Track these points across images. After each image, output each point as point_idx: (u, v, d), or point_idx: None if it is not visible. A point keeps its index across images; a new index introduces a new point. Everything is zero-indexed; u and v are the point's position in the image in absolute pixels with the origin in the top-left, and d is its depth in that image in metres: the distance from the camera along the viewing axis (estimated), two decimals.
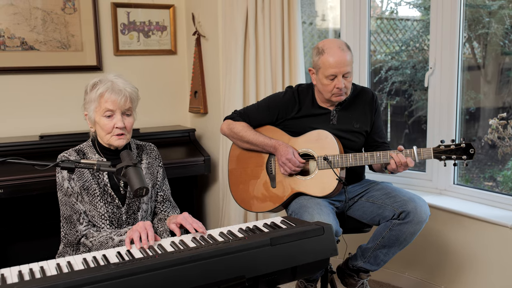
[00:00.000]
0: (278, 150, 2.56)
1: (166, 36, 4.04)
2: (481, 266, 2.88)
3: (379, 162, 2.44)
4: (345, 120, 2.63)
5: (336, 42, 2.50)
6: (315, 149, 2.55)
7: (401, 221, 2.41)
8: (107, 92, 2.06)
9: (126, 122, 2.10)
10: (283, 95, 2.70)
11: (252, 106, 2.79)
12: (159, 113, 4.09)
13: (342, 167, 2.49)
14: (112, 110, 2.06)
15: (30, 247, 3.46)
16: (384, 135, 2.75)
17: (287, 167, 2.53)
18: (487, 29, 3.32)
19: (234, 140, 2.75)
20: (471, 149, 2.32)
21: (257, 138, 2.63)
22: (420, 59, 3.81)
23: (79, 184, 2.10)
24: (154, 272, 1.47)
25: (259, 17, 3.38)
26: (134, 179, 1.79)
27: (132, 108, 2.14)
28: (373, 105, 2.68)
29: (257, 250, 1.63)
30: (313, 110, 2.63)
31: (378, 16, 3.94)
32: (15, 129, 3.60)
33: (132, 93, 2.12)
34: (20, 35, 3.54)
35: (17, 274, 1.54)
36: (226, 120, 2.76)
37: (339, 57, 2.44)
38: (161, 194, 2.31)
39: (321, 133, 2.55)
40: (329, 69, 2.45)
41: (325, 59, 2.46)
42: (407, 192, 2.51)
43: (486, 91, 3.44)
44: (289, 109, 2.64)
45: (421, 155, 2.38)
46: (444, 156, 2.36)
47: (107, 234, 2.04)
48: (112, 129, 2.08)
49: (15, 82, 3.59)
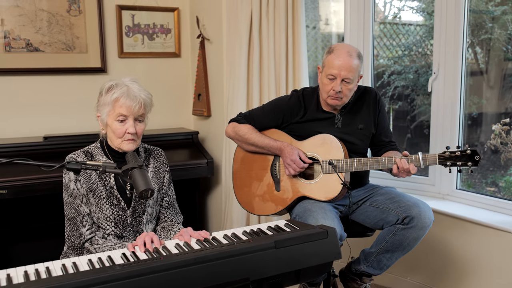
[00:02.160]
0: (284, 152, 2.56)
1: (170, 39, 4.05)
2: (483, 271, 2.88)
3: (384, 167, 2.44)
4: (350, 122, 2.63)
5: (347, 47, 2.50)
6: (320, 153, 2.55)
7: (405, 226, 2.41)
8: (122, 97, 2.06)
9: (138, 128, 2.11)
10: (289, 98, 2.69)
11: (257, 109, 2.79)
12: (162, 115, 4.09)
13: (346, 172, 2.50)
14: (126, 115, 2.07)
15: (32, 247, 3.46)
16: (391, 134, 2.75)
17: (291, 168, 2.53)
18: (490, 35, 3.32)
19: (239, 143, 2.76)
20: (476, 155, 2.31)
21: (263, 140, 2.63)
22: (422, 64, 3.82)
23: (86, 186, 2.11)
24: (159, 274, 1.48)
25: (263, 20, 3.39)
26: (139, 180, 1.80)
27: (145, 114, 2.15)
28: (377, 105, 2.67)
29: (262, 253, 1.63)
30: (317, 115, 2.63)
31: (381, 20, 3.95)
32: (19, 130, 3.61)
33: (146, 100, 2.13)
34: (25, 36, 3.55)
35: (23, 274, 1.54)
36: (231, 123, 2.76)
37: (343, 60, 2.44)
38: (166, 200, 2.32)
39: (326, 137, 2.55)
40: (331, 69, 2.45)
41: (330, 58, 2.47)
42: (411, 197, 2.51)
43: (489, 97, 3.43)
44: (294, 113, 2.65)
45: (426, 161, 2.38)
46: (449, 163, 2.35)
47: (112, 245, 2.04)
48: (124, 134, 2.09)
49: (19, 83, 3.60)
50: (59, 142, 3.36)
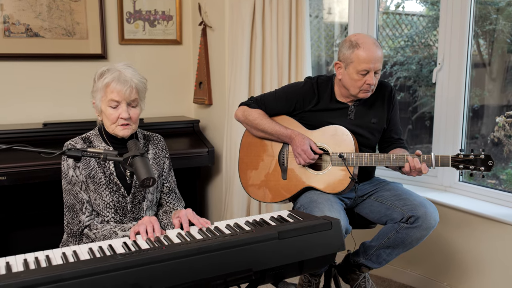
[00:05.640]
0: (294, 140, 2.52)
1: (171, 26, 4.01)
2: (485, 264, 2.87)
3: (395, 165, 2.40)
4: (363, 115, 2.58)
5: (370, 38, 2.44)
6: (330, 145, 2.51)
7: (409, 225, 2.38)
8: (113, 82, 2.04)
9: (132, 113, 2.08)
10: (303, 85, 2.63)
11: (270, 94, 2.71)
12: (163, 104, 4.07)
13: (356, 166, 2.46)
14: (117, 100, 2.04)
15: (32, 235, 3.45)
16: (401, 131, 2.72)
17: (301, 159, 2.49)
18: (494, 26, 3.29)
19: (248, 128, 2.69)
20: (490, 161, 2.28)
21: (273, 127, 2.58)
22: (425, 55, 3.79)
23: (85, 173, 2.08)
24: (161, 264, 1.45)
25: (267, 9, 3.35)
26: (141, 169, 1.77)
27: (139, 99, 2.11)
28: (391, 101, 2.63)
29: (265, 244, 1.61)
30: (331, 105, 2.57)
31: (384, 10, 3.91)
32: (18, 116, 3.58)
33: (139, 84, 2.09)
34: (25, 21, 3.51)
35: (23, 263, 1.52)
36: (242, 106, 2.69)
37: (373, 52, 2.38)
38: (167, 186, 2.30)
39: (338, 129, 2.50)
40: (363, 64, 2.38)
41: (359, 53, 2.38)
42: (418, 196, 2.46)
43: (491, 89, 3.41)
44: (307, 101, 2.58)
45: (439, 162, 2.35)
46: (462, 166, 2.32)
47: (111, 228, 2.03)
48: (117, 119, 2.06)
49: (19, 69, 3.57)
50: (59, 129, 3.33)
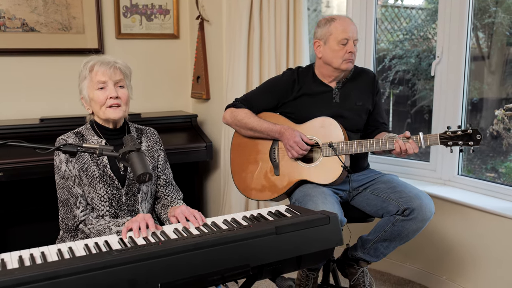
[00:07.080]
0: (285, 135, 2.53)
1: (168, 20, 3.98)
2: (483, 257, 2.87)
3: (385, 148, 2.41)
4: (348, 98, 2.61)
5: (342, 15, 2.61)
6: (319, 136, 2.52)
7: (405, 218, 2.38)
8: (96, 65, 2.08)
9: (120, 93, 2.09)
10: (282, 76, 2.70)
11: (253, 91, 2.76)
12: (160, 98, 4.05)
13: (347, 154, 2.47)
14: (104, 81, 2.06)
15: (29, 230, 3.44)
16: (385, 116, 2.75)
17: (294, 151, 2.49)
18: (493, 19, 3.27)
19: (237, 128, 2.72)
20: (478, 135, 2.29)
21: (261, 124, 2.60)
22: (424, 48, 3.77)
23: (78, 166, 2.07)
24: (157, 259, 1.44)
25: (264, 2, 3.33)
26: (137, 164, 1.75)
27: (125, 81, 2.13)
28: (375, 85, 2.68)
29: (262, 239, 1.60)
30: (314, 87, 2.61)
31: (382, 4, 3.89)
32: (15, 112, 3.56)
33: (123, 67, 2.13)
34: (21, 16, 3.48)
35: (18, 259, 1.51)
36: (229, 109, 2.72)
37: (350, 24, 2.52)
38: (163, 178, 2.29)
39: (326, 120, 2.52)
40: (342, 33, 2.49)
41: (336, 25, 2.51)
42: (413, 188, 2.47)
43: (490, 82, 3.40)
44: (289, 90, 2.62)
45: (427, 141, 2.36)
46: (450, 142, 2.33)
47: (106, 223, 2.01)
48: (106, 100, 2.07)
49: (15, 64, 3.54)
50: (56, 124, 3.31)
